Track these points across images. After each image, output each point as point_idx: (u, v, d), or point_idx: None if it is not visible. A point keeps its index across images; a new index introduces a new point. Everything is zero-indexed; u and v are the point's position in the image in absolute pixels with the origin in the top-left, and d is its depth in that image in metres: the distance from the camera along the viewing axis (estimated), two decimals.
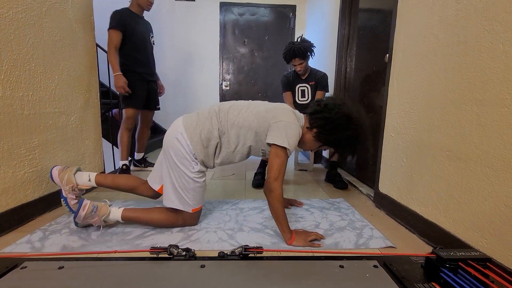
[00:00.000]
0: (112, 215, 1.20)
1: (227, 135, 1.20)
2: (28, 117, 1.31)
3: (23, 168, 1.29)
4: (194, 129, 1.18)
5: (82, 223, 1.18)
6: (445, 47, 1.11)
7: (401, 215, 1.37)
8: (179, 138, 1.18)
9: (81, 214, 1.15)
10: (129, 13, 1.98)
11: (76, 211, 1.16)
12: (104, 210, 1.18)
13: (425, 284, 0.71)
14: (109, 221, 1.21)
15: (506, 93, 0.86)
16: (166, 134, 1.23)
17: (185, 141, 1.17)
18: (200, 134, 1.17)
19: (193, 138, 1.17)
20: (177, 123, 1.23)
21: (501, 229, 0.88)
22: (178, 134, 1.18)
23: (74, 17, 1.61)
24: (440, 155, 1.14)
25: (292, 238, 1.09)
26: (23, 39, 1.27)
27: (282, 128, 1.12)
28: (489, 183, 0.92)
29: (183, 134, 1.17)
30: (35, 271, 0.76)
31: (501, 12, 0.88)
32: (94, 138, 1.84)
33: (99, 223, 1.18)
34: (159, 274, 0.76)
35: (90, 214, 1.16)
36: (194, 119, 1.21)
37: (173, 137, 1.19)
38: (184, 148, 1.17)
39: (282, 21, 3.74)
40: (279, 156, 1.10)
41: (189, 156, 1.17)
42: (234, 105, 1.25)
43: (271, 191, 1.08)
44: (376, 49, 1.86)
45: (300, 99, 2.28)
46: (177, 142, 1.17)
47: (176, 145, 1.17)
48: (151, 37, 2.12)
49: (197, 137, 1.17)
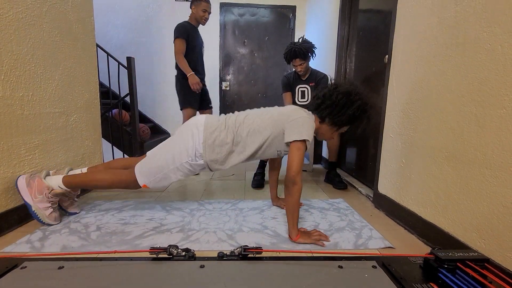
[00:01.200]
0: (52, 180, 1.23)
1: (242, 143, 1.23)
2: (28, 118, 1.31)
3: (23, 168, 1.29)
4: (211, 133, 1.21)
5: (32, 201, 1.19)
6: (444, 48, 1.12)
7: (400, 215, 1.37)
8: (194, 132, 1.21)
9: (22, 183, 1.19)
10: (190, 26, 2.27)
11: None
12: (44, 172, 1.23)
13: (424, 284, 0.71)
14: (53, 188, 1.22)
15: (505, 94, 0.87)
16: (184, 125, 1.28)
17: (198, 139, 1.20)
18: (215, 140, 1.20)
19: (206, 141, 1.20)
20: (199, 119, 1.26)
21: (499, 230, 0.88)
22: (195, 128, 1.22)
23: (74, 18, 1.61)
24: (439, 156, 1.14)
25: (298, 235, 1.12)
26: (23, 39, 1.27)
27: (299, 124, 1.18)
28: (487, 184, 0.93)
29: (199, 131, 1.21)
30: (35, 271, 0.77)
31: (500, 14, 0.89)
32: (94, 138, 1.84)
33: (44, 189, 1.19)
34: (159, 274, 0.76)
35: (31, 177, 1.21)
36: (215, 123, 1.25)
37: (189, 128, 1.24)
38: (193, 143, 1.20)
39: (282, 21, 3.75)
40: (300, 149, 1.14)
41: (192, 152, 1.20)
42: (249, 114, 1.30)
43: (294, 184, 1.10)
44: (375, 50, 1.87)
45: (300, 100, 2.28)
46: (191, 134, 1.21)
47: (188, 135, 1.21)
48: (203, 47, 2.44)
49: (210, 141, 1.20)
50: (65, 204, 1.33)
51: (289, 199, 1.12)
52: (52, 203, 1.24)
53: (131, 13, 3.64)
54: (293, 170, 1.11)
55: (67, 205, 1.34)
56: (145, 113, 3.80)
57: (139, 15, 3.64)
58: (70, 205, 1.36)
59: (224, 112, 3.87)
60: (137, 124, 2.82)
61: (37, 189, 1.20)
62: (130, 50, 3.66)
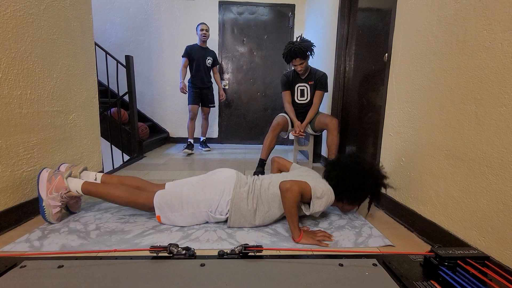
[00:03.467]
0: (72, 182, 1.25)
1: (265, 206, 1.25)
2: (26, 116, 1.31)
3: (22, 167, 1.29)
4: (239, 193, 1.23)
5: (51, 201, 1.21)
6: (444, 47, 1.11)
7: (400, 214, 1.38)
8: (224, 188, 1.24)
9: (44, 176, 1.21)
10: (193, 46, 3.16)
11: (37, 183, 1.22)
12: (67, 173, 1.26)
13: (424, 282, 0.72)
14: (71, 190, 1.24)
15: (505, 92, 0.87)
16: (216, 176, 1.29)
17: (226, 196, 1.23)
18: (241, 200, 1.22)
19: (234, 199, 1.22)
20: (231, 176, 1.29)
21: (499, 228, 0.88)
22: (226, 184, 1.25)
23: (72, 16, 1.60)
24: (439, 154, 1.14)
25: (301, 236, 1.11)
26: (21, 37, 1.26)
27: (322, 203, 1.17)
28: (487, 182, 0.93)
29: (229, 188, 1.24)
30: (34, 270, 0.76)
31: (500, 12, 0.89)
32: (93, 137, 1.83)
33: (62, 189, 1.21)
34: (159, 273, 0.76)
35: (54, 173, 1.23)
36: (243, 182, 1.28)
37: (220, 182, 1.26)
38: (219, 198, 1.22)
39: (281, 20, 3.74)
40: (306, 184, 1.14)
41: (214, 206, 1.22)
42: (273, 180, 1.29)
43: (287, 190, 1.10)
44: (375, 49, 1.87)
45: (299, 98, 2.28)
46: (221, 188, 1.24)
47: (216, 189, 1.24)
48: (207, 59, 3.20)
49: (238, 199, 1.22)
50: (70, 202, 1.33)
51: (285, 204, 1.12)
52: (62, 203, 1.25)
53: (130, 12, 3.62)
54: (291, 180, 1.12)
55: (72, 203, 1.34)
56: (143, 112, 3.79)
57: (138, 13, 3.62)
58: (75, 204, 1.36)
59: (223, 110, 3.87)
60: (136, 123, 2.81)
61: (56, 186, 1.22)
62: (128, 48, 3.65)
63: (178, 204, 1.22)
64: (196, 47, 3.16)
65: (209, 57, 3.21)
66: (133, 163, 2.62)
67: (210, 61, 3.22)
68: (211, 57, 3.23)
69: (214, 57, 3.28)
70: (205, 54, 3.18)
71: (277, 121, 2.19)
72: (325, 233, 1.16)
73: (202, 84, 3.19)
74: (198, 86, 3.18)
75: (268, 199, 1.23)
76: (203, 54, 3.17)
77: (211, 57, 3.24)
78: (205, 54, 3.18)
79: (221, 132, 3.91)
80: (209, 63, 3.22)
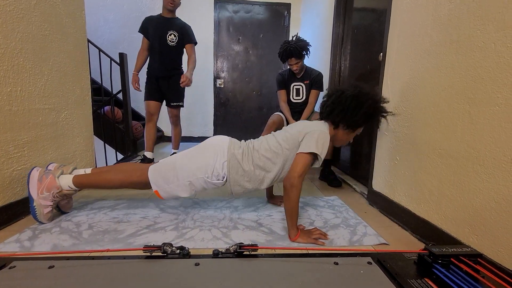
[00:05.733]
0: (62, 180, 1.22)
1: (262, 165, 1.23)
2: (17, 114, 1.28)
3: (12, 166, 1.26)
4: (234, 154, 1.21)
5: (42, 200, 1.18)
6: (438, 46, 1.12)
7: (394, 212, 1.39)
8: (217, 152, 1.21)
9: (34, 175, 1.18)
10: (152, 17, 2.21)
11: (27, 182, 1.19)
12: (58, 172, 1.22)
13: (418, 280, 0.72)
14: (62, 188, 1.21)
15: (498, 92, 0.88)
16: (207, 142, 1.27)
17: (220, 159, 1.20)
18: (237, 162, 1.21)
19: (230, 161, 1.20)
20: (224, 141, 1.26)
21: (491, 225, 0.90)
22: (219, 148, 1.22)
23: (64, 12, 1.57)
24: (433, 153, 1.15)
25: (298, 235, 1.11)
26: (11, 33, 1.23)
27: (315, 138, 1.15)
28: (480, 180, 0.94)
29: (223, 151, 1.21)
30: (24, 271, 0.74)
31: (493, 11, 0.89)
32: (86, 135, 1.80)
33: (54, 188, 1.18)
34: (153, 273, 0.75)
35: (45, 172, 1.20)
36: (237, 145, 1.25)
37: (212, 147, 1.24)
38: (213, 162, 1.20)
39: (277, 19, 3.73)
40: (307, 158, 1.12)
41: (210, 170, 1.20)
42: (263, 139, 1.28)
43: (292, 186, 1.09)
44: (370, 48, 1.88)
45: (294, 97, 2.28)
46: (213, 153, 1.21)
47: (210, 153, 1.21)
48: (168, 35, 2.17)
49: (234, 162, 1.20)
50: (62, 202, 1.30)
51: (287, 204, 1.11)
52: (54, 202, 1.22)
53: (124, 8, 3.58)
54: (294, 171, 1.10)
55: (63, 203, 1.32)
56: (137, 110, 3.75)
57: (132, 10, 3.58)
58: (67, 204, 1.34)
59: (218, 109, 3.85)
60: (130, 122, 2.78)
61: (47, 186, 1.19)
62: (122, 46, 3.60)
63: (173, 175, 1.20)
64: (155, 18, 2.15)
65: (172, 31, 2.14)
66: (127, 162, 2.59)
67: (173, 38, 2.16)
68: (175, 31, 2.15)
69: (183, 32, 2.22)
70: (165, 28, 2.14)
71: (273, 119, 2.19)
72: (321, 232, 1.16)
73: (159, 72, 2.20)
74: (154, 75, 2.23)
75: (262, 158, 1.21)
76: (163, 27, 2.13)
77: (176, 31, 2.16)
78: (165, 28, 2.14)
79: (216, 131, 3.89)
80: (172, 41, 2.16)
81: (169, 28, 2.17)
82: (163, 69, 2.23)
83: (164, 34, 2.15)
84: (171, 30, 2.17)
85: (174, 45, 2.20)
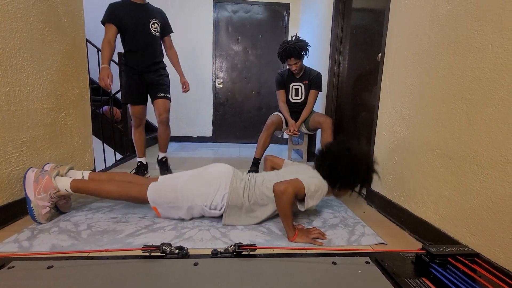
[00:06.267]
0: (60, 181, 1.22)
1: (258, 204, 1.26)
2: (15, 113, 1.27)
3: (10, 166, 1.25)
4: (236, 188, 1.24)
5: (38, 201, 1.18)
6: (437, 47, 1.13)
7: (392, 212, 1.39)
8: (216, 194, 1.22)
9: (30, 176, 1.18)
10: (120, 3, 1.87)
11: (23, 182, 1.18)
12: (54, 172, 1.23)
13: (416, 279, 0.72)
14: (59, 189, 1.21)
15: (495, 92, 0.88)
16: (212, 171, 1.29)
17: (222, 191, 1.22)
18: (237, 196, 1.23)
19: (231, 194, 1.22)
20: (227, 172, 1.28)
21: (488, 225, 0.90)
22: (222, 179, 1.24)
23: (63, 11, 1.57)
24: (431, 153, 1.16)
25: (296, 235, 1.12)
26: (9, 32, 1.23)
27: (316, 186, 1.17)
28: (477, 180, 0.94)
29: (226, 183, 1.23)
30: (23, 271, 0.74)
31: (491, 13, 0.90)
32: (84, 135, 1.80)
33: (50, 189, 1.18)
34: (152, 273, 0.75)
35: (40, 173, 1.20)
36: (239, 178, 1.28)
37: (216, 178, 1.25)
38: (214, 193, 1.22)
39: (276, 19, 3.74)
40: (301, 184, 1.13)
41: (210, 201, 1.22)
42: (265, 179, 1.29)
43: (282, 193, 1.09)
44: (369, 49, 1.88)
45: (293, 97, 2.28)
46: (216, 184, 1.23)
47: (212, 184, 1.23)
48: (151, 23, 1.89)
49: (234, 195, 1.23)
50: (60, 202, 1.30)
51: (279, 208, 1.12)
52: (52, 203, 1.22)
53: None
54: (287, 182, 1.11)
55: (62, 203, 1.31)
56: None
57: None
58: (65, 204, 1.34)
59: (218, 109, 3.85)
60: (129, 122, 2.77)
61: (44, 187, 1.19)
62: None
63: (173, 198, 1.22)
64: (126, 4, 1.85)
65: (154, 19, 1.90)
66: (126, 162, 2.59)
67: (157, 27, 1.92)
68: (157, 20, 1.92)
69: (165, 20, 2.00)
70: (146, 16, 1.88)
71: (272, 120, 2.19)
72: (319, 231, 1.16)
73: (144, 67, 1.92)
74: (137, 70, 1.92)
75: (262, 197, 1.23)
76: (143, 16, 1.87)
77: (158, 20, 1.93)
78: (146, 16, 1.88)
79: (215, 131, 3.89)
80: (156, 30, 1.92)
81: (150, 16, 1.89)
82: (149, 62, 1.93)
83: (147, 23, 1.88)
84: (152, 18, 1.90)
85: (158, 35, 1.94)
